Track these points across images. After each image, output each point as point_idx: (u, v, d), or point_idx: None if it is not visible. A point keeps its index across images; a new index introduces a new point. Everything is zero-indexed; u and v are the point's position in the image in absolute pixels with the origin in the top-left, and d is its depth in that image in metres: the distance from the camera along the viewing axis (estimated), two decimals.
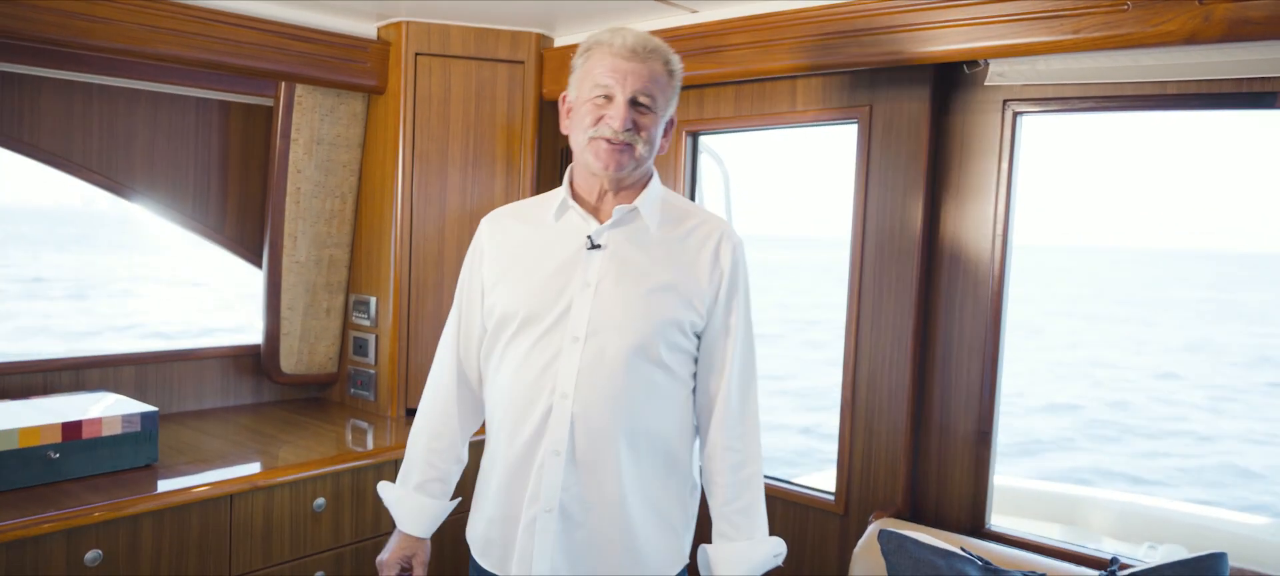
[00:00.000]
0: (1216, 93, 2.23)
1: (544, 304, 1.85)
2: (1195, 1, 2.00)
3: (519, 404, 1.86)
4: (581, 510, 1.84)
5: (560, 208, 1.92)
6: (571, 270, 1.86)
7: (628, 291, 1.84)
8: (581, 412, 1.81)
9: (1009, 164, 2.55)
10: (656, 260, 1.88)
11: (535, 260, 1.90)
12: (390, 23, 3.16)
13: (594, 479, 1.84)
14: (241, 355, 3.36)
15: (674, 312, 1.85)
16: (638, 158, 1.84)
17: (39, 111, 2.78)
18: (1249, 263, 75.37)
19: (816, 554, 2.88)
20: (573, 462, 1.82)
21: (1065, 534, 4.03)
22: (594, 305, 1.82)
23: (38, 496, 2.24)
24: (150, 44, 2.65)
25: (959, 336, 2.66)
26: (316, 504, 2.65)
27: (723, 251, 1.92)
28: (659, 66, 1.84)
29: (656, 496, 1.92)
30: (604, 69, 1.81)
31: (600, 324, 1.81)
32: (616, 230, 1.88)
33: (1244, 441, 15.04)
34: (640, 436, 1.86)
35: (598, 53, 1.83)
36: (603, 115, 1.81)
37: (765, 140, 3.16)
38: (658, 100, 1.84)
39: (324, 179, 3.25)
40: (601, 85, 1.81)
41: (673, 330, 1.85)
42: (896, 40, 2.48)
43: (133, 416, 2.50)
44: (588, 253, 1.86)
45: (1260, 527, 4.36)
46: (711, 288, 1.90)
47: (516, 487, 1.88)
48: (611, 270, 1.85)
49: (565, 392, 1.81)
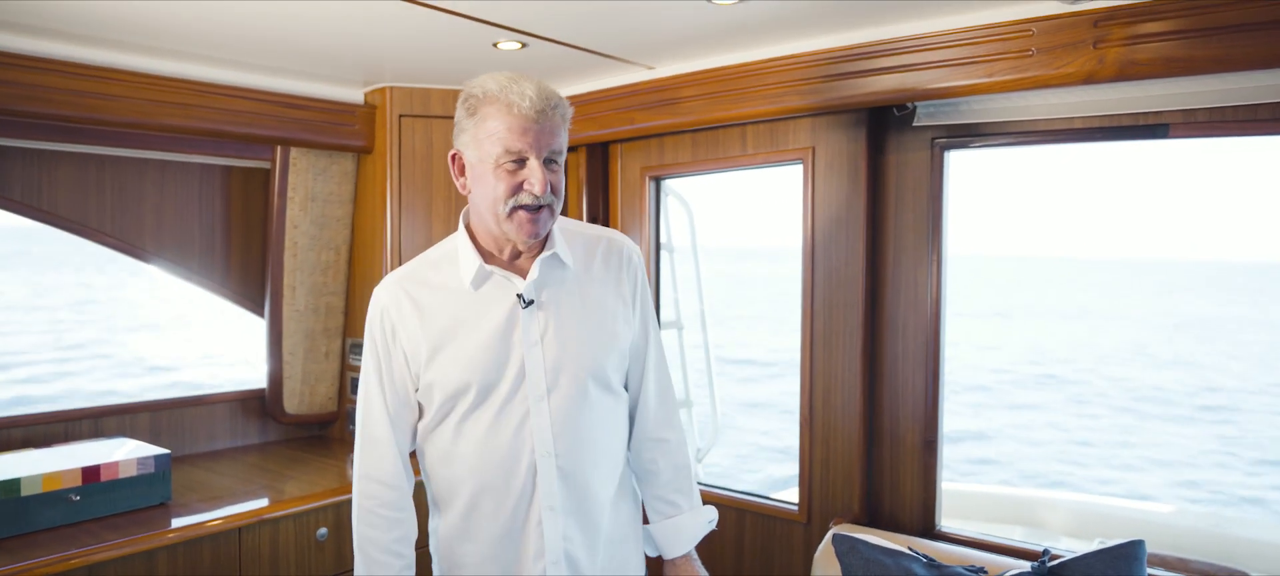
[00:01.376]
0: (1117, 126, 2.33)
1: (494, 371, 1.73)
2: (1090, 46, 2.12)
3: (497, 471, 1.74)
4: (584, 553, 1.80)
5: (478, 275, 1.75)
6: (510, 331, 1.74)
7: (572, 336, 1.77)
8: (569, 465, 1.75)
9: (939, 194, 2.64)
10: (587, 297, 1.81)
11: (468, 329, 1.75)
12: (376, 88, 3.26)
13: (590, 521, 1.80)
14: (248, 398, 3.40)
15: (614, 339, 1.83)
16: (554, 214, 1.74)
17: (56, 182, 2.85)
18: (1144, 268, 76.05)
19: (784, 560, 2.93)
20: (569, 512, 1.77)
21: (1026, 535, 4.08)
22: (545, 360, 1.74)
23: (61, 536, 2.29)
24: (156, 117, 2.73)
25: (903, 353, 2.72)
26: (320, 533, 2.69)
27: (632, 262, 1.90)
28: (560, 120, 1.70)
29: (626, 513, 1.92)
30: (512, 132, 1.64)
31: (557, 376, 1.73)
32: (543, 282, 1.77)
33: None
34: (611, 464, 1.85)
35: (496, 112, 1.65)
36: (519, 182, 1.66)
37: (724, 179, 3.23)
38: (562, 153, 1.73)
39: (319, 233, 3.32)
40: (512, 150, 1.65)
41: (616, 354, 1.83)
42: (833, 88, 2.58)
43: (147, 459, 2.56)
44: (522, 311, 1.74)
45: (1201, 519, 4.43)
46: (631, 299, 1.88)
47: (510, 550, 1.77)
48: (552, 322, 1.76)
49: (547, 450, 1.73)
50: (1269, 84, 2.09)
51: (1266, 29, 1.92)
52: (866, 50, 2.49)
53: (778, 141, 2.89)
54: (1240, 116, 2.18)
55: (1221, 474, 13.25)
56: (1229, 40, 1.97)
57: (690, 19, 2.41)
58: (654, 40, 2.64)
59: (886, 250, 2.75)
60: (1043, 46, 2.19)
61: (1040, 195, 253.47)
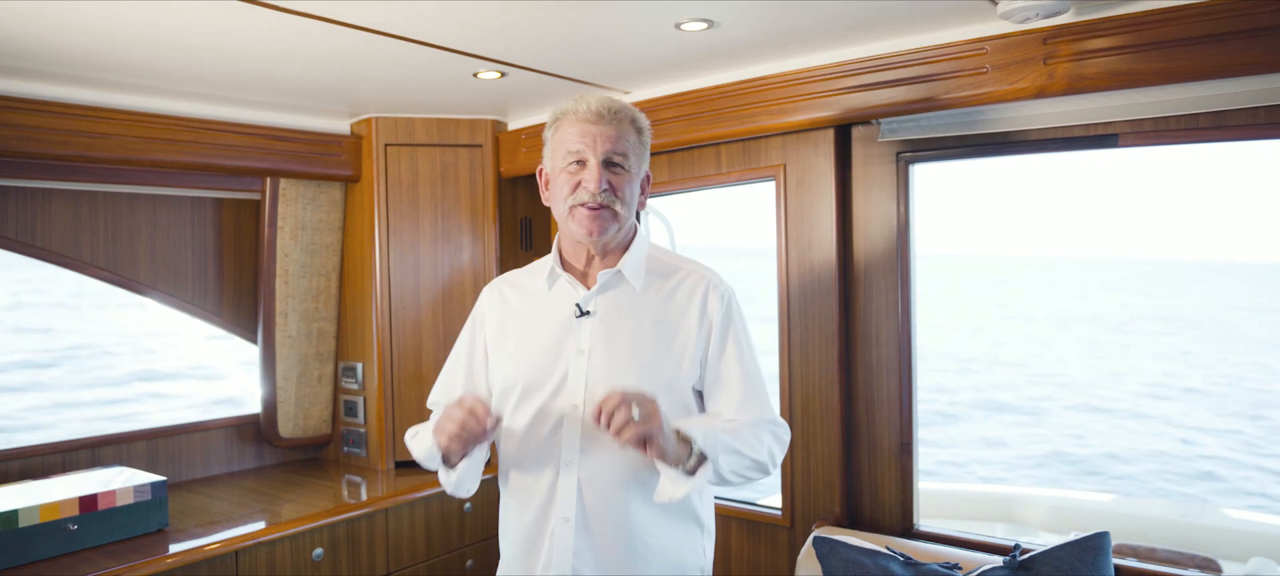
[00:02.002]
0: (1070, 136, 2.39)
1: (541, 373, 1.74)
2: (1040, 62, 2.18)
3: (527, 472, 1.76)
4: (594, 572, 1.73)
5: (550, 276, 1.81)
6: (563, 339, 1.75)
7: (618, 355, 1.73)
8: (588, 478, 1.71)
9: (905, 205, 2.68)
10: (644, 322, 1.76)
11: (530, 330, 1.80)
12: (361, 119, 3.28)
13: (604, 541, 1.72)
14: (243, 424, 3.40)
15: (666, 372, 1.74)
16: (618, 218, 1.72)
17: (50, 219, 2.86)
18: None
19: (769, 563, 2.95)
20: (583, 528, 1.72)
21: (1007, 531, 4.12)
22: (588, 372, 1.71)
23: (60, 565, 2.28)
24: (147, 153, 2.75)
25: (877, 360, 2.75)
26: (315, 554, 2.69)
27: (711, 302, 1.79)
28: (627, 127, 1.73)
29: (666, 546, 1.78)
30: (574, 135, 1.71)
31: (595, 390, 1.67)
32: (603, 295, 1.77)
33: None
34: (645, 495, 1.72)
35: (566, 121, 1.73)
36: (578, 181, 1.70)
37: (701, 197, 3.26)
38: (630, 159, 1.73)
39: (309, 260, 3.33)
40: (573, 151, 1.71)
41: (664, 387, 1.71)
42: (802, 108, 2.63)
43: (144, 486, 2.56)
44: (577, 320, 1.75)
45: (1172, 510, 4.48)
46: (701, 340, 1.77)
47: (531, 553, 1.77)
48: (602, 335, 1.74)
49: (569, 460, 1.71)
50: (1207, 94, 2.16)
51: (1204, 43, 1.98)
52: (830, 71, 2.54)
53: (750, 160, 2.93)
54: (1183, 126, 2.24)
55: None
56: (1169, 54, 2.03)
57: (661, 45, 2.45)
58: (626, 66, 2.69)
59: (857, 261, 2.78)
60: (996, 64, 2.24)
61: (1003, 201, 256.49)
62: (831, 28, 2.33)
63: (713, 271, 1.87)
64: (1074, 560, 2.14)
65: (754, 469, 1.74)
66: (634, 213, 1.79)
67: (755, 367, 1.83)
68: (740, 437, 1.71)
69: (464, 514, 3.16)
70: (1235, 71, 1.97)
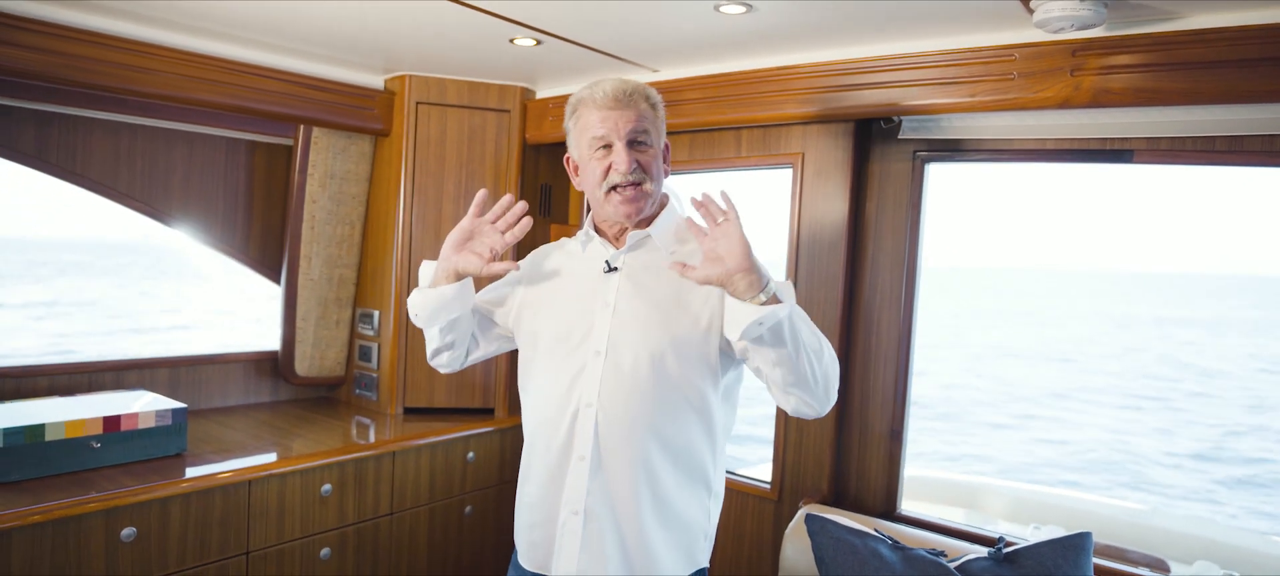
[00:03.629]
0: (1086, 149, 2.32)
1: (569, 323, 1.76)
2: (1067, 73, 2.10)
3: (550, 413, 1.75)
4: (603, 511, 1.72)
5: (585, 238, 1.84)
6: (593, 293, 1.77)
7: (642, 309, 1.73)
8: (604, 419, 1.70)
9: (918, 204, 2.62)
10: (667, 280, 1.75)
11: (563, 285, 1.83)
12: (395, 76, 3.20)
13: (614, 482, 1.71)
14: (261, 359, 3.35)
15: (684, 329, 1.71)
16: (649, 194, 1.73)
17: (90, 148, 2.79)
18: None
19: (754, 534, 2.92)
20: (597, 467, 1.71)
21: (967, 516, 4.10)
22: (613, 322, 1.72)
23: (81, 480, 2.24)
24: (187, 91, 2.67)
25: (876, 348, 2.71)
26: (324, 489, 2.65)
27: None
28: (644, 105, 1.74)
29: (673, 499, 1.75)
30: (596, 121, 1.72)
31: (619, 339, 1.70)
32: (631, 254, 1.78)
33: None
34: (660, 443, 1.71)
35: (585, 109, 1.75)
36: (608, 164, 1.71)
37: (719, 178, 3.19)
38: (651, 135, 1.74)
39: (335, 209, 3.27)
40: (598, 137, 1.71)
41: (684, 344, 1.71)
42: (825, 100, 2.55)
43: (165, 411, 2.51)
44: (606, 276, 1.77)
45: (1123, 510, 4.47)
46: (719, 297, 1.72)
47: (553, 492, 1.77)
48: (628, 290, 1.75)
49: (589, 402, 1.70)
50: (1227, 119, 2.08)
51: (1230, 67, 1.91)
52: (859, 66, 2.46)
53: (770, 146, 2.85)
54: (1199, 147, 2.17)
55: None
56: (1194, 75, 1.95)
57: (696, 26, 2.37)
58: (660, 45, 2.60)
59: (866, 252, 2.73)
60: (1024, 71, 2.16)
61: (1011, 209, 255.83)
62: (864, 23, 2.24)
63: None
64: (1057, 557, 2.09)
65: (815, 358, 1.62)
66: (661, 179, 1.78)
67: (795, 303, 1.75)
68: (809, 323, 1.64)
69: (467, 463, 3.11)
70: (1258, 98, 1.90)
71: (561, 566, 1.75)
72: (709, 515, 1.83)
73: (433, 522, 3.01)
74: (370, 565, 2.81)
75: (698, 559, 1.83)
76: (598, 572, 1.72)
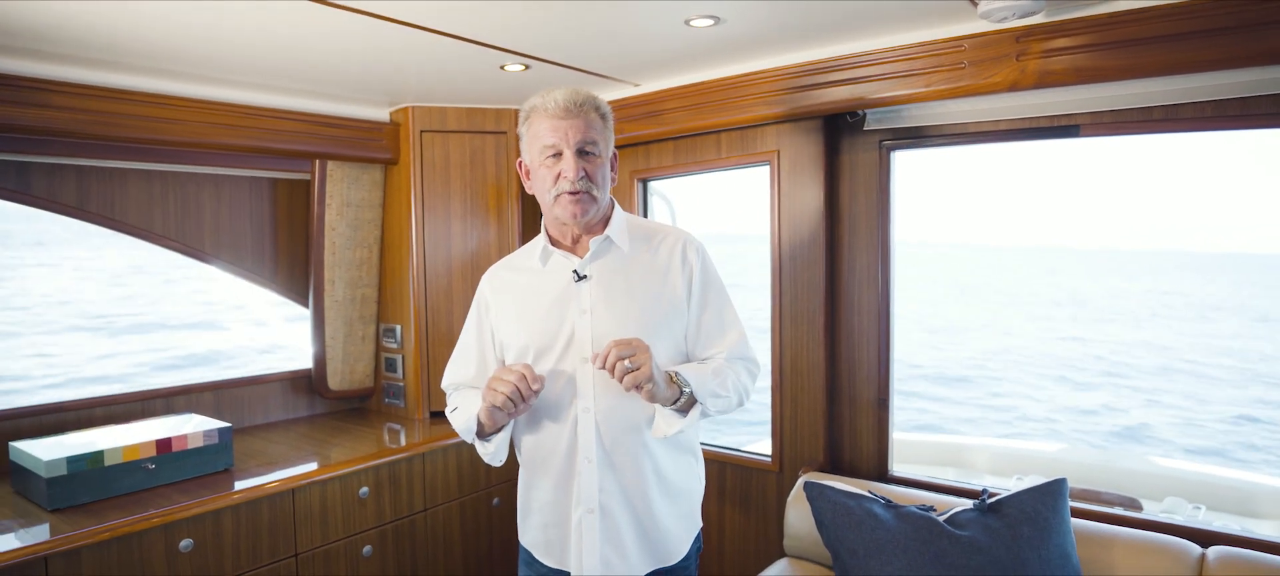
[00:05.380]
0: (1036, 127, 2.35)
1: (548, 334, 1.74)
2: (1013, 59, 2.13)
3: (550, 422, 1.76)
4: (618, 505, 1.74)
5: (543, 253, 1.81)
6: (566, 302, 1.75)
7: (619, 309, 1.73)
8: (603, 419, 1.71)
9: (886, 188, 2.65)
10: (636, 278, 1.76)
11: (531, 301, 1.79)
12: (400, 108, 3.24)
13: (623, 476, 1.74)
14: (297, 378, 3.40)
15: (660, 319, 1.75)
16: (596, 200, 1.72)
17: (127, 196, 2.84)
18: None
19: (759, 504, 2.96)
20: (606, 465, 1.73)
21: (957, 474, 4.14)
22: (593, 327, 1.72)
23: (140, 499, 2.29)
24: (210, 136, 2.72)
25: (858, 325, 2.74)
26: (362, 492, 2.70)
27: (688, 254, 1.81)
28: (593, 115, 1.71)
29: (672, 476, 1.81)
30: (546, 129, 1.68)
31: (602, 342, 1.67)
32: (597, 261, 1.77)
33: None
34: (651, 429, 1.75)
35: (537, 117, 1.70)
36: (558, 172, 1.69)
37: (702, 179, 3.22)
38: (599, 144, 1.71)
39: (353, 234, 3.31)
40: (548, 145, 1.68)
41: (662, 333, 1.75)
42: (795, 98, 2.58)
43: (212, 431, 2.56)
44: (576, 284, 1.75)
45: (1100, 455, 4.52)
46: (685, 287, 1.79)
47: (564, 493, 1.77)
48: (601, 295, 1.74)
49: (587, 406, 1.71)
50: (1160, 90, 2.12)
51: (1163, 42, 1.94)
52: (823, 66, 2.50)
53: (748, 146, 2.89)
54: (1138, 118, 2.20)
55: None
56: (1131, 52, 1.99)
57: (670, 40, 2.41)
58: (638, 60, 2.64)
59: (842, 237, 2.76)
60: (973, 60, 2.20)
61: (975, 189, 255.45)
62: (825, 24, 2.28)
63: (686, 231, 1.89)
64: (1036, 503, 2.13)
65: (734, 406, 1.80)
66: (608, 187, 1.78)
67: (731, 308, 1.87)
68: (722, 379, 1.75)
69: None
70: (1190, 68, 1.93)
71: (587, 563, 1.76)
72: (699, 479, 1.92)
73: (464, 515, 3.06)
74: (409, 557, 2.86)
75: (696, 520, 1.91)
76: (619, 560, 1.76)
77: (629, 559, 1.77)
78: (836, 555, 2.23)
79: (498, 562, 3.19)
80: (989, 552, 2.06)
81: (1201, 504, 3.64)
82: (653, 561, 1.80)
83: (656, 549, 1.80)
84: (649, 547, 1.79)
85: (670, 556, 1.82)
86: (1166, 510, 3.54)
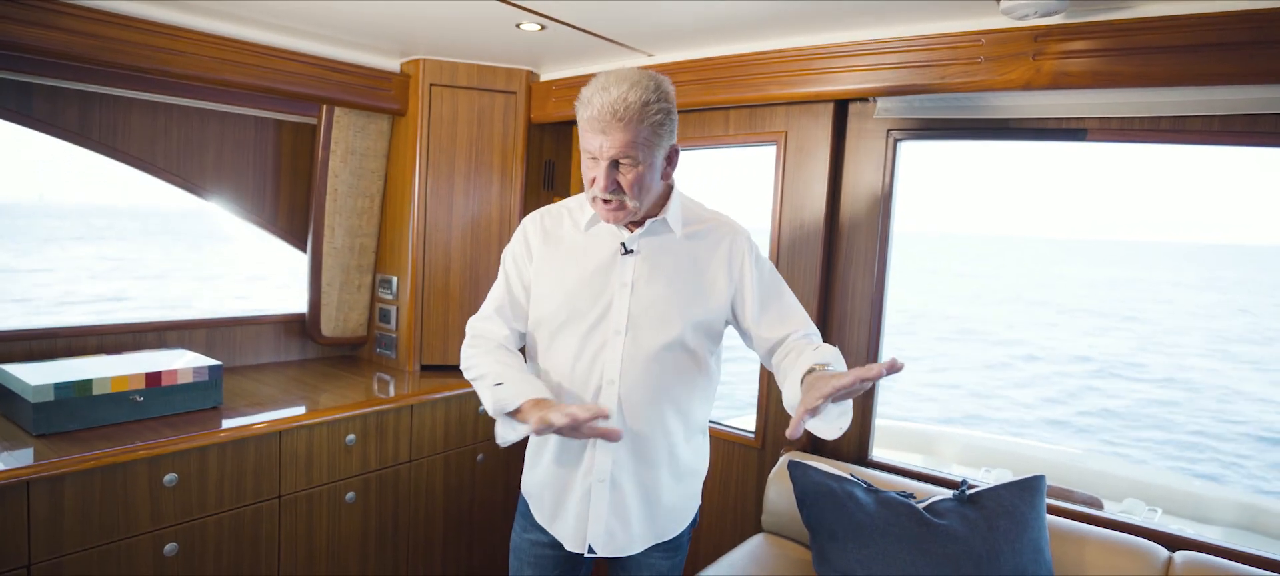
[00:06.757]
0: (1044, 127, 2.29)
1: (585, 302, 1.69)
2: (1030, 57, 2.07)
3: (572, 389, 1.71)
4: (627, 479, 1.72)
5: (590, 220, 1.74)
6: (608, 273, 1.69)
7: (659, 291, 1.68)
8: (627, 395, 1.67)
9: (890, 178, 2.59)
10: (682, 263, 1.71)
11: (575, 263, 1.73)
12: (411, 59, 3.15)
13: (638, 451, 1.71)
14: (290, 321, 3.34)
15: (698, 309, 1.71)
16: (629, 210, 1.63)
17: (129, 125, 2.75)
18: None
19: (739, 479, 2.93)
20: (623, 441, 1.70)
21: (926, 461, 4.15)
22: (632, 302, 1.67)
23: (126, 431, 2.23)
24: (219, 72, 2.63)
25: (852, 310, 2.70)
26: (348, 439, 2.65)
27: (735, 246, 1.75)
28: (635, 126, 1.53)
29: (683, 455, 1.79)
30: (586, 131, 1.58)
31: (638, 319, 1.66)
32: (647, 238, 1.71)
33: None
34: (675, 409, 1.73)
35: (583, 115, 1.58)
36: (593, 175, 1.61)
37: (708, 155, 3.16)
38: (639, 155, 1.56)
39: (356, 182, 3.23)
40: (588, 149, 1.59)
41: (699, 322, 1.71)
42: (806, 82, 2.52)
43: (202, 368, 2.49)
44: (622, 257, 1.69)
45: (1062, 453, 4.54)
46: (730, 280, 1.74)
47: (569, 461, 1.74)
48: (645, 272, 1.69)
49: (612, 379, 1.67)
50: (1171, 100, 2.06)
51: (1179, 52, 1.89)
52: (838, 50, 2.43)
53: (756, 125, 2.82)
54: (1146, 127, 2.15)
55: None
56: (1146, 60, 1.93)
57: (691, 11, 2.32)
58: (656, 30, 2.56)
59: (842, 223, 2.71)
60: (990, 55, 2.14)
61: (973, 181, 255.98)
62: (845, 9, 2.21)
63: (736, 222, 1.83)
64: (1015, 498, 2.10)
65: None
66: (654, 187, 1.65)
67: (789, 290, 1.81)
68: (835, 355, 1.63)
69: (478, 415, 3.10)
70: (1204, 81, 1.87)
71: (592, 530, 1.74)
72: (706, 459, 1.89)
73: (448, 469, 3.02)
74: (391, 507, 2.81)
75: (697, 498, 1.90)
76: (623, 533, 1.75)
77: (632, 533, 1.76)
78: (815, 533, 2.20)
79: (478, 518, 3.15)
80: (965, 543, 2.03)
81: (1158, 507, 3.67)
82: (653, 537, 1.80)
83: (659, 525, 1.80)
84: (652, 524, 1.78)
85: (669, 532, 1.82)
86: (1125, 510, 3.56)
